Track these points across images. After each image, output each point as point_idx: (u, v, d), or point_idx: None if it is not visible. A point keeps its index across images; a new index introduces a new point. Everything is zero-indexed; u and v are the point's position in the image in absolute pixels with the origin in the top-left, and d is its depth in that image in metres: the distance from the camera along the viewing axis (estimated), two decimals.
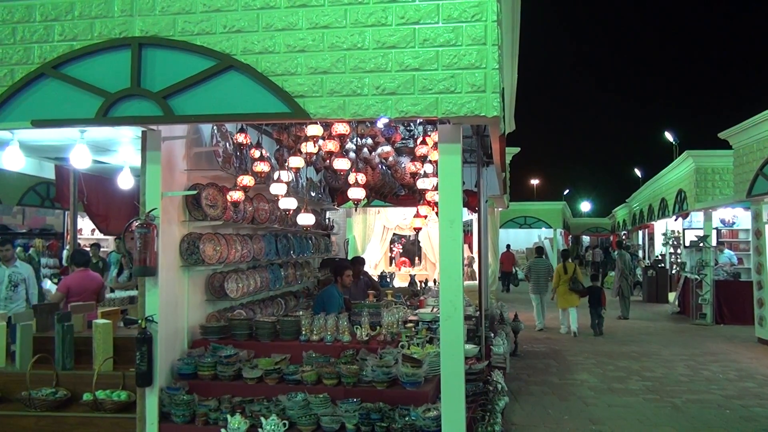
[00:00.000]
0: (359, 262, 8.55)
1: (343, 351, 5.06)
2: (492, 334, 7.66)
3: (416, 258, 14.45)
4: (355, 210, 12.23)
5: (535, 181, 49.39)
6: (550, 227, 29.49)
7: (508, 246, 24.13)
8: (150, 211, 4.74)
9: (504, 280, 22.73)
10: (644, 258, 25.65)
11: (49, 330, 5.73)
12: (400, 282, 12.05)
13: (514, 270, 24.34)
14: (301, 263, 8.41)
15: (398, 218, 13.58)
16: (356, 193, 6.03)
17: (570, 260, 13.31)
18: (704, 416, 7.03)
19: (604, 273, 23.42)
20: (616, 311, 15.91)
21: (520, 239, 31.66)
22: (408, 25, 3.96)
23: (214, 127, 5.79)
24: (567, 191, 50.27)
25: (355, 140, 6.55)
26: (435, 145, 5.94)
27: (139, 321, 4.74)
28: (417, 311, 6.60)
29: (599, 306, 13.11)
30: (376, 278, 10.38)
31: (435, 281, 10.71)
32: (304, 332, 5.35)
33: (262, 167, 5.78)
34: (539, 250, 14.75)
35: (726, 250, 16.01)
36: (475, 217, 11.05)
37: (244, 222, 6.36)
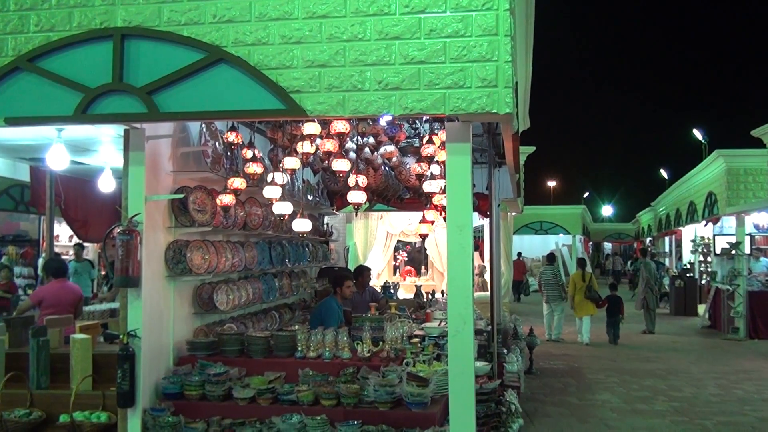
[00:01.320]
0: (364, 271, 8.55)
1: (343, 369, 5.06)
2: (505, 351, 7.65)
3: (422, 267, 14.46)
4: (356, 215, 12.18)
5: (551, 184, 49.45)
6: (569, 233, 29.47)
7: (519, 254, 24.16)
8: (133, 217, 4.75)
9: (515, 289, 22.86)
10: (671, 267, 25.60)
11: (23, 346, 5.71)
12: (405, 293, 12.07)
13: (525, 279, 24.40)
14: (297, 273, 8.41)
15: (403, 224, 13.61)
16: (357, 196, 6.02)
17: (587, 268, 13.81)
18: None
19: (633, 283, 23.41)
20: (640, 325, 15.88)
21: (535, 246, 31.54)
22: (413, 14, 3.96)
23: (203, 126, 5.79)
24: (587, 194, 50.42)
25: (355, 139, 6.56)
26: (442, 145, 5.95)
27: (121, 336, 4.75)
28: (423, 325, 6.60)
29: (617, 315, 13.80)
30: (378, 289, 10.37)
31: (443, 292, 10.72)
32: (300, 348, 5.35)
33: (254, 169, 5.79)
34: (550, 258, 14.97)
35: (762, 258, 15.96)
36: (486, 222, 11.07)
37: (235, 228, 6.36)
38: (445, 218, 5.31)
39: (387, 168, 7.43)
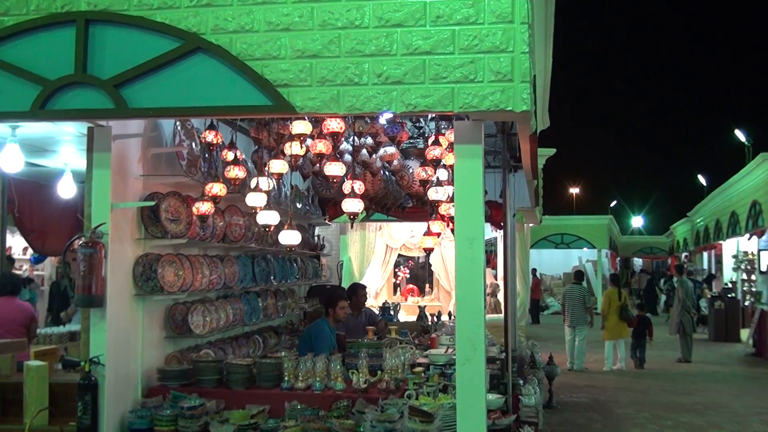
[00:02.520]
0: (359, 290, 8.55)
1: (336, 401, 5.04)
2: (521, 381, 7.62)
3: (427, 285, 14.43)
4: (351, 226, 12.26)
5: (574, 191, 49.47)
6: (594, 247, 29.53)
7: (534, 271, 24.16)
8: (97, 227, 4.75)
9: (533, 310, 22.87)
10: (710, 286, 25.61)
11: None
12: (407, 315, 12.04)
13: (542, 298, 24.43)
14: (283, 292, 8.41)
15: (405, 236, 13.60)
16: (352, 205, 5.99)
17: (621, 287, 14.22)
18: None
19: (667, 304, 23.48)
20: (674, 352, 15.87)
21: (556, 262, 31.67)
22: None
23: (178, 124, 5.77)
24: (614, 203, 50.31)
25: (351, 140, 6.57)
26: (450, 147, 5.97)
27: (82, 363, 4.73)
28: (427, 352, 6.59)
29: (644, 337, 14.49)
30: (376, 310, 10.36)
31: (450, 314, 10.70)
32: (286, 378, 5.34)
33: (236, 173, 5.79)
34: (578, 275, 15.09)
35: None
36: (500, 234, 11.04)
37: (213, 240, 6.37)
38: (452, 230, 5.37)
39: (387, 173, 7.40)
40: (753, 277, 19.45)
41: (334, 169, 5.84)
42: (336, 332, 7.34)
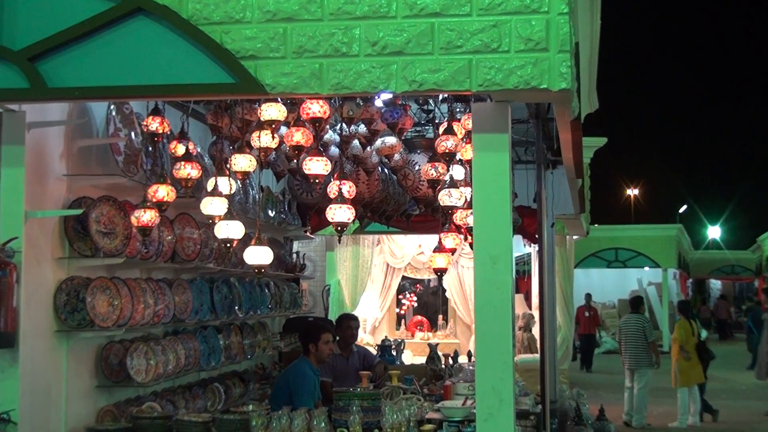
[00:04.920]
0: (348, 321, 8.51)
1: None
2: None
3: (439, 317, 14.42)
4: (340, 240, 12.16)
5: (632, 192, 49.37)
6: (658, 266, 29.30)
7: (588, 296, 23.95)
8: (6, 243, 4.71)
9: (583, 350, 22.58)
10: None
11: None
12: (414, 356, 12.05)
13: (598, 335, 24.15)
14: (252, 326, 8.38)
15: (410, 253, 13.62)
16: (341, 213, 5.91)
17: (693, 317, 13.95)
18: None
19: (750, 341, 23.39)
20: (764, 403, 15.78)
21: (609, 285, 31.44)
22: None
23: (112, 108, 5.75)
24: (684, 208, 50.16)
25: (339, 128, 6.46)
26: (468, 136, 5.83)
27: None
28: (440, 405, 6.56)
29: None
30: (373, 350, 10.32)
31: (470, 355, 10.60)
32: None
33: (188, 171, 5.76)
34: (635, 303, 14.84)
35: None
36: (534, 250, 11.26)
37: (159, 260, 6.37)
38: (471, 245, 5.37)
39: (386, 170, 7.36)
40: None
41: (316, 166, 5.80)
42: (320, 378, 7.31)
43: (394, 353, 10.77)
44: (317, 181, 5.95)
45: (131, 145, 5.89)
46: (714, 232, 56.16)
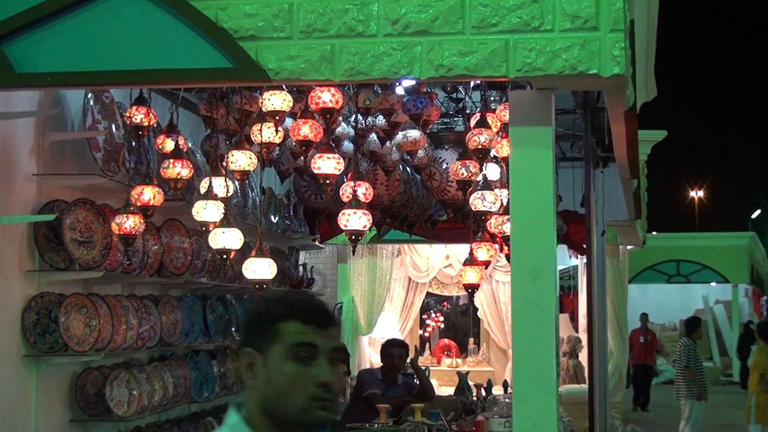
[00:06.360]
0: (391, 348, 8.44)
1: None
2: None
3: (470, 341, 14.52)
4: (353, 251, 12.05)
5: (696, 195, 49.01)
6: (726, 281, 28.97)
7: (645, 317, 23.14)
8: None
9: (638, 385, 21.29)
10: None
11: None
12: (441, 385, 12.14)
13: (656, 364, 23.41)
14: None
15: (436, 265, 13.63)
16: (356, 219, 5.81)
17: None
18: None
19: None
20: None
21: (669, 303, 31.05)
22: None
23: (90, 97, 5.81)
24: (757, 213, 49.60)
25: (353, 120, 6.43)
26: (504, 129, 5.90)
27: None
28: None
29: None
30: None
31: (506, 385, 10.43)
32: None
33: (177, 170, 5.77)
34: (691, 324, 14.49)
35: None
36: (582, 262, 11.13)
37: (143, 273, 6.41)
38: (507, 256, 5.37)
39: (408, 169, 7.37)
40: None
41: (327, 164, 5.78)
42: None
43: (417, 383, 10.57)
44: (328, 181, 5.93)
45: (112, 140, 5.93)
46: None
